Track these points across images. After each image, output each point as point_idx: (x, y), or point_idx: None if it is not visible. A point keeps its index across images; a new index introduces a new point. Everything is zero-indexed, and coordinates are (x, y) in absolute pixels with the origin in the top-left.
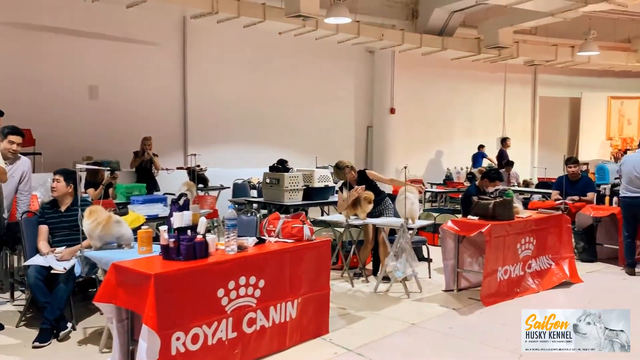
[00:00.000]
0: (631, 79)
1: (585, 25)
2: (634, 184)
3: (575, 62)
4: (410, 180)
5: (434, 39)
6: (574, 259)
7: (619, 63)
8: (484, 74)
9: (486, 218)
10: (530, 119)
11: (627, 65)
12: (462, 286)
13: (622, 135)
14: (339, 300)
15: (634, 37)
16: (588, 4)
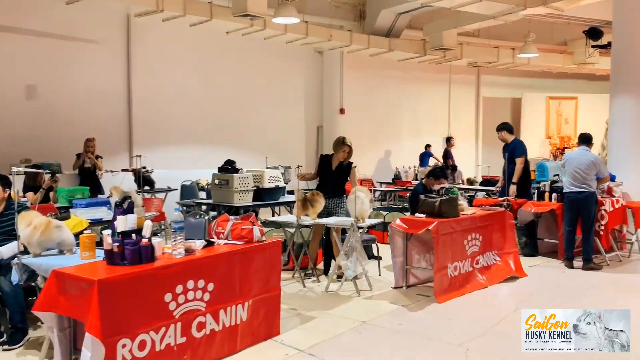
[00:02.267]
0: (568, 80)
1: (525, 28)
2: (578, 180)
3: (516, 63)
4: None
5: (381, 40)
6: (518, 253)
7: (556, 65)
8: (430, 74)
9: (433, 215)
10: (474, 118)
11: (564, 67)
12: (411, 283)
13: (560, 134)
14: (290, 300)
15: (570, 40)
16: (527, 7)
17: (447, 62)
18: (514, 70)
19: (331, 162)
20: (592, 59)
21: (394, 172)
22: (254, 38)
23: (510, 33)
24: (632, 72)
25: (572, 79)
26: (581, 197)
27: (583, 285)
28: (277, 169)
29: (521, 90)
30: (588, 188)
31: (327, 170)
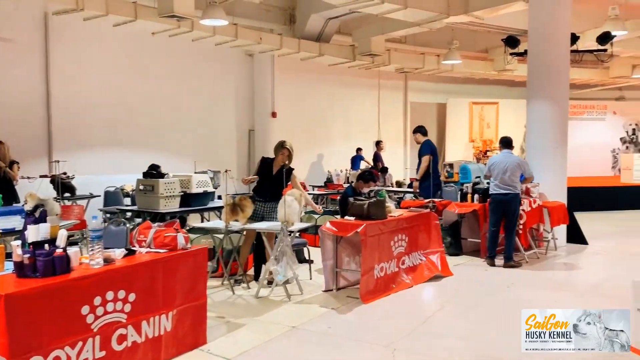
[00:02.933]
0: (489, 86)
1: (448, 35)
2: (505, 182)
3: (441, 70)
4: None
5: (311, 44)
6: (444, 253)
7: (478, 71)
8: (360, 79)
9: (362, 218)
10: (402, 122)
11: (486, 74)
12: (342, 285)
13: (483, 137)
14: (218, 308)
15: (491, 47)
16: (450, 15)
17: (375, 67)
18: (439, 76)
19: (272, 166)
20: (511, 66)
21: (327, 176)
22: (182, 39)
23: (435, 40)
24: (547, 79)
25: (493, 85)
26: (507, 198)
27: (504, 283)
28: (206, 174)
29: (446, 96)
30: (513, 190)
31: (267, 174)
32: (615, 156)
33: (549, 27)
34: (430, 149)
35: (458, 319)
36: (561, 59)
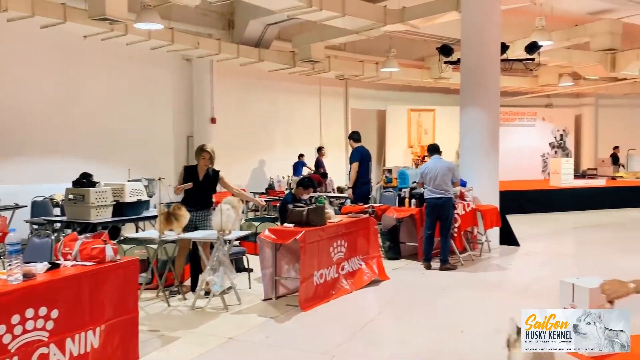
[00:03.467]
0: (426, 94)
1: (386, 44)
2: (437, 186)
3: (380, 77)
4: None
5: (250, 50)
6: (381, 257)
7: (415, 79)
8: (301, 86)
9: (301, 225)
10: (343, 129)
11: (423, 81)
12: (281, 293)
13: (421, 143)
14: (152, 321)
15: (427, 56)
16: (387, 24)
17: (316, 74)
18: (378, 83)
19: (197, 173)
20: (446, 74)
21: (268, 182)
22: (116, 43)
23: (374, 48)
24: (478, 87)
25: (430, 93)
26: (440, 202)
27: (440, 285)
28: (140, 182)
29: (385, 103)
30: (446, 194)
31: (194, 182)
32: (545, 160)
33: (480, 37)
34: (360, 156)
35: (396, 323)
36: (492, 68)
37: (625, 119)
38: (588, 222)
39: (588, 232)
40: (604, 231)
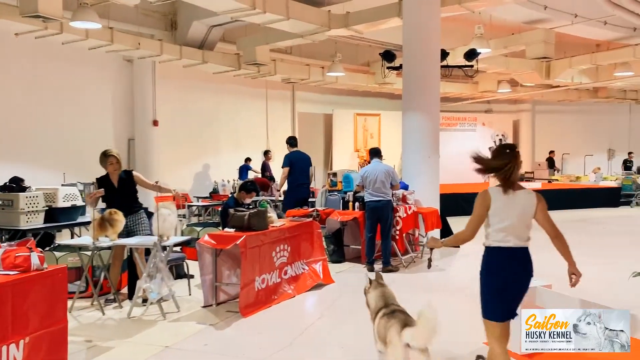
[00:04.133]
0: (372, 98)
1: (332, 48)
2: (378, 190)
3: (326, 81)
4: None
5: (194, 51)
6: (326, 261)
7: (361, 84)
8: (247, 88)
9: (242, 229)
10: (290, 132)
11: (368, 86)
12: (222, 300)
13: (367, 147)
14: (85, 331)
15: (372, 61)
16: (331, 28)
17: (262, 77)
18: (325, 87)
19: (110, 181)
20: (390, 79)
21: (213, 186)
22: (51, 42)
23: (320, 52)
24: (420, 92)
25: (375, 97)
26: (380, 205)
27: None
28: (75, 186)
29: (332, 107)
30: (385, 196)
31: (111, 189)
32: None
33: (421, 43)
34: (289, 161)
35: (337, 326)
36: (432, 74)
37: (560, 125)
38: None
39: None
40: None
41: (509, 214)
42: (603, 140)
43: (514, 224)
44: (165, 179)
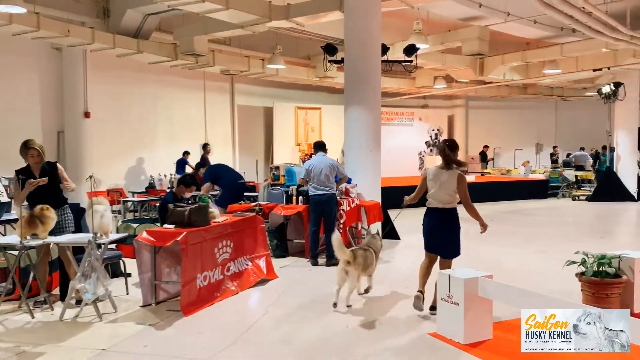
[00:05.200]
0: (313, 92)
1: (273, 40)
2: (322, 183)
3: (266, 74)
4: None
5: (128, 40)
6: (270, 256)
7: (302, 77)
8: (184, 80)
9: (183, 225)
10: (230, 126)
11: (309, 80)
12: (162, 298)
13: (308, 141)
14: (12, 336)
15: (313, 55)
16: (272, 20)
17: (200, 68)
18: (265, 80)
19: (32, 173)
20: (331, 73)
21: (149, 181)
22: None
23: (260, 44)
24: (361, 86)
25: (316, 91)
26: (323, 198)
27: (326, 281)
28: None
29: (272, 100)
30: (329, 190)
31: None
32: (422, 158)
33: (363, 37)
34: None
35: (282, 322)
36: (373, 68)
37: (492, 120)
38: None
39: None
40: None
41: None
42: (532, 135)
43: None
44: (98, 174)
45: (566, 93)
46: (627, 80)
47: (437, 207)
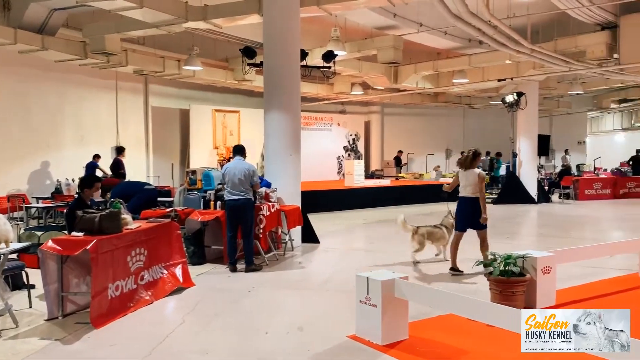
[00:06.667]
0: (231, 95)
1: (189, 41)
2: (237, 188)
3: (182, 75)
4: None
5: (31, 36)
6: (186, 263)
7: (220, 79)
8: (95, 79)
9: (93, 233)
10: (144, 128)
11: (227, 82)
12: (69, 311)
13: (227, 144)
14: None
15: (231, 57)
16: (189, 20)
17: (111, 67)
18: (181, 81)
19: None
20: (250, 76)
21: (55, 185)
22: None
23: (176, 45)
24: (281, 90)
25: (234, 94)
26: (239, 204)
27: (246, 287)
28: None
29: (189, 102)
30: (244, 195)
31: None
32: (340, 163)
33: (282, 41)
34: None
35: (200, 331)
36: (293, 73)
37: (406, 126)
38: (376, 218)
39: (377, 227)
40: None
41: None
42: (442, 141)
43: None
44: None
45: (473, 101)
46: (528, 91)
47: (465, 195)
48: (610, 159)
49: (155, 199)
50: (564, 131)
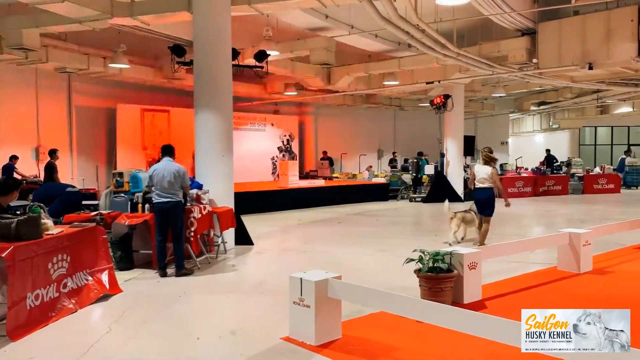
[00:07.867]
0: (160, 94)
1: (116, 38)
2: (166, 190)
3: (108, 73)
4: None
5: None
6: (113, 269)
7: (148, 78)
8: (11, 76)
9: (9, 239)
10: (67, 128)
11: (155, 81)
12: None
13: (157, 145)
14: None
15: (160, 55)
16: (114, 16)
17: (30, 64)
18: (107, 80)
19: None
20: (180, 75)
21: None
22: None
23: (102, 41)
24: (212, 90)
25: (164, 93)
26: (168, 206)
27: (176, 292)
28: None
29: (115, 101)
30: (174, 197)
31: None
32: (275, 163)
33: (212, 40)
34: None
35: (127, 340)
36: (224, 72)
37: (339, 127)
38: (311, 219)
39: (311, 227)
40: (324, 226)
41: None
42: (374, 142)
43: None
44: None
45: (403, 103)
46: (455, 93)
47: (481, 186)
48: (530, 158)
49: (79, 203)
50: (488, 132)
